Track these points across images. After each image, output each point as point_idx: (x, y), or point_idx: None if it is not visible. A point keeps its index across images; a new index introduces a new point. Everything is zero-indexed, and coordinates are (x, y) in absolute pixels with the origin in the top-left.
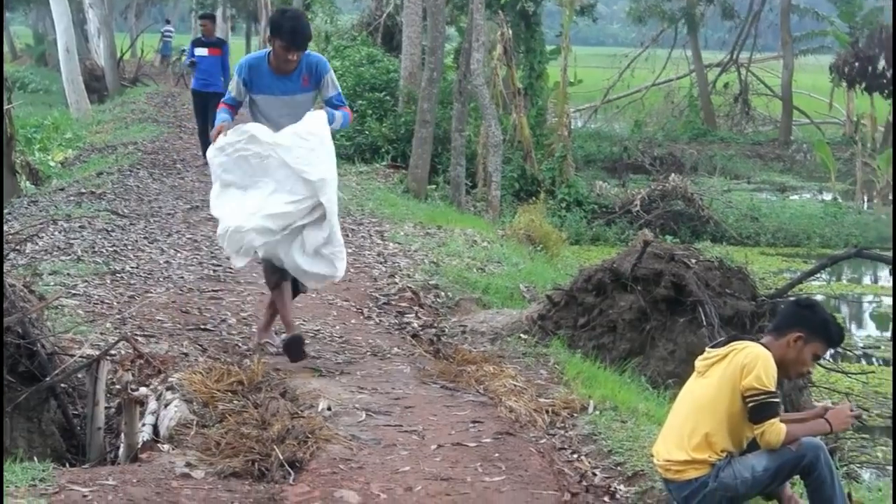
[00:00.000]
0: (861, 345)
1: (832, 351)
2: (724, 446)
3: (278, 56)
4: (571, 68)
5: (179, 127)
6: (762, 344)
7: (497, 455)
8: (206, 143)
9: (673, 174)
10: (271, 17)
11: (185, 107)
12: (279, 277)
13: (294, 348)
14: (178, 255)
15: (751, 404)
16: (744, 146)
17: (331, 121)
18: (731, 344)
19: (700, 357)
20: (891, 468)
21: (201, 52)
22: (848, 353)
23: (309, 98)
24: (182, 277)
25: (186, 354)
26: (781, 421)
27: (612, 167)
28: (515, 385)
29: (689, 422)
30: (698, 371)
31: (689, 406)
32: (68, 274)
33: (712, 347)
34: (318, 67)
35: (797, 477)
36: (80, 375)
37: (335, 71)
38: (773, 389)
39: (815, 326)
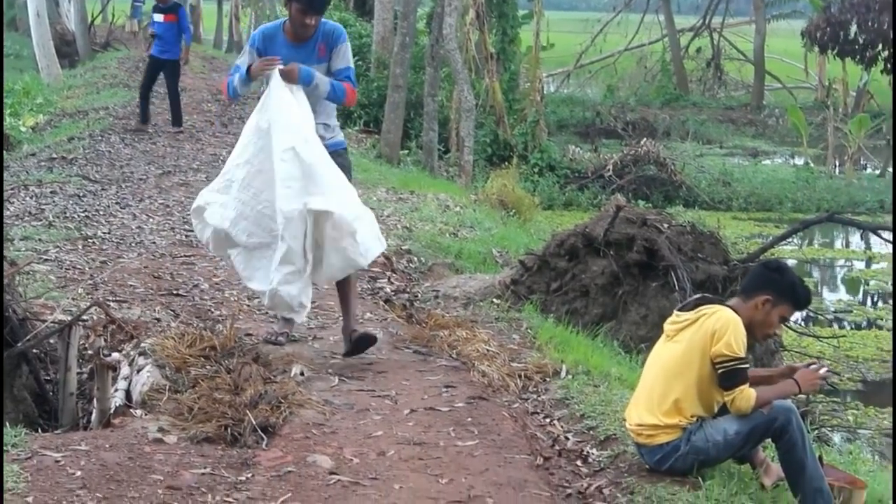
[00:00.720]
0: (833, 309)
1: (799, 314)
2: (694, 411)
3: (295, 21)
4: (544, 33)
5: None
6: (730, 307)
7: (470, 419)
8: (145, 106)
9: (645, 139)
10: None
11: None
12: None
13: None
14: (151, 220)
15: (721, 370)
16: (716, 111)
17: (307, 81)
18: (700, 308)
19: (669, 320)
20: (863, 431)
21: (158, 18)
22: (820, 317)
23: (325, 69)
24: (154, 243)
25: (159, 320)
26: (750, 382)
27: (584, 132)
28: (488, 350)
29: (659, 386)
30: (667, 335)
31: (659, 370)
32: (40, 239)
33: (680, 310)
34: (335, 36)
35: (769, 441)
36: (52, 341)
37: None
38: (743, 356)
39: (783, 289)
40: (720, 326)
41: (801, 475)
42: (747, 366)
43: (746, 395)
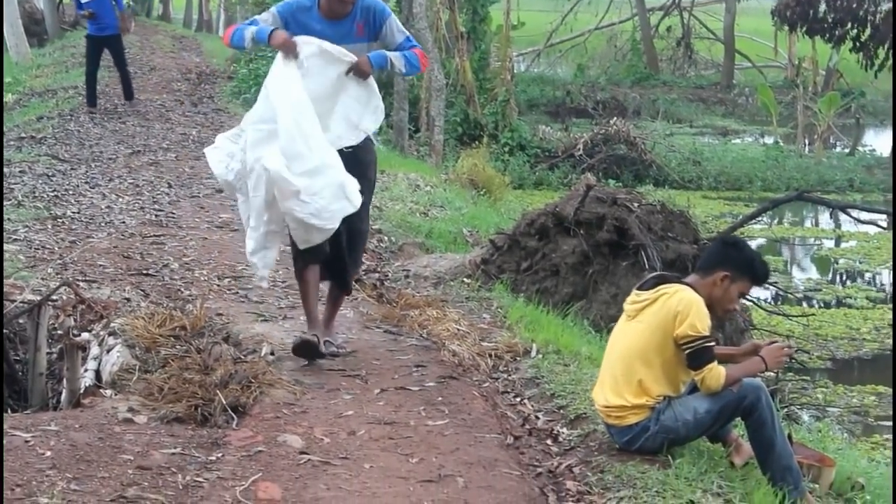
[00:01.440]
0: (802, 287)
1: (769, 292)
2: (660, 391)
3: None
4: (514, 12)
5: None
6: (689, 285)
7: (440, 399)
8: (92, 89)
9: (615, 118)
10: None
11: (127, 50)
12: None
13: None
14: (120, 199)
15: (688, 351)
16: (686, 90)
17: (382, 66)
18: (660, 287)
19: (629, 299)
20: (832, 409)
21: None
22: (789, 295)
23: (362, 49)
24: (124, 222)
25: (128, 299)
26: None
27: (554, 111)
28: (458, 329)
29: (622, 367)
30: (628, 314)
31: (622, 350)
32: (9, 219)
33: (640, 289)
34: (377, 14)
35: (740, 419)
36: (21, 321)
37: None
38: (708, 334)
39: (741, 265)
40: (683, 308)
41: (771, 453)
42: (713, 344)
43: (716, 374)
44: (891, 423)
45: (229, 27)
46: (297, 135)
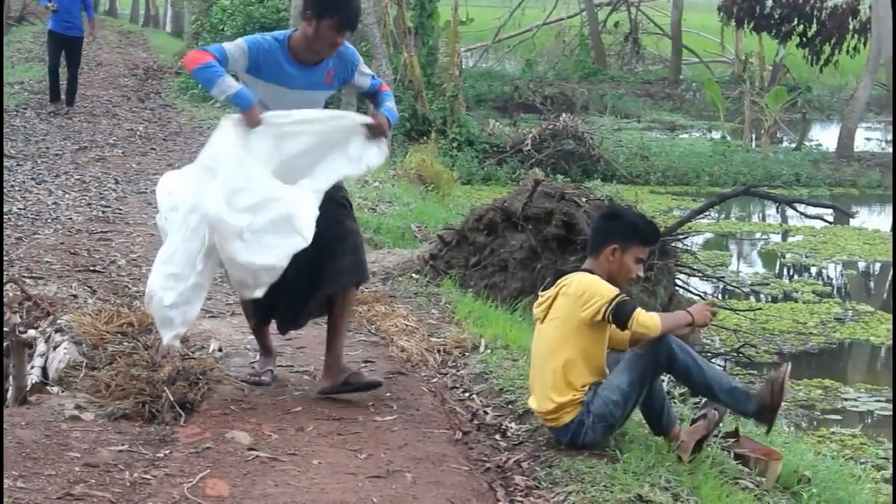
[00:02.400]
0: (749, 282)
1: (716, 288)
2: (584, 381)
3: (322, 40)
4: (462, 7)
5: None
6: (586, 270)
7: (388, 395)
8: (55, 83)
9: (564, 113)
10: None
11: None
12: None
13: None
14: (67, 196)
15: (609, 316)
16: (634, 85)
17: (394, 121)
18: (559, 281)
19: (535, 304)
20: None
21: None
22: (736, 290)
23: (325, 97)
24: (70, 219)
25: (75, 296)
26: None
27: (503, 107)
28: (407, 325)
29: (545, 369)
30: (538, 318)
31: (541, 354)
32: None
33: (542, 290)
34: (348, 61)
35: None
36: None
37: (224, 10)
38: (616, 291)
39: (626, 233)
40: (583, 290)
41: (711, 388)
42: (629, 298)
43: (645, 316)
44: (837, 416)
45: (195, 52)
46: (237, 168)
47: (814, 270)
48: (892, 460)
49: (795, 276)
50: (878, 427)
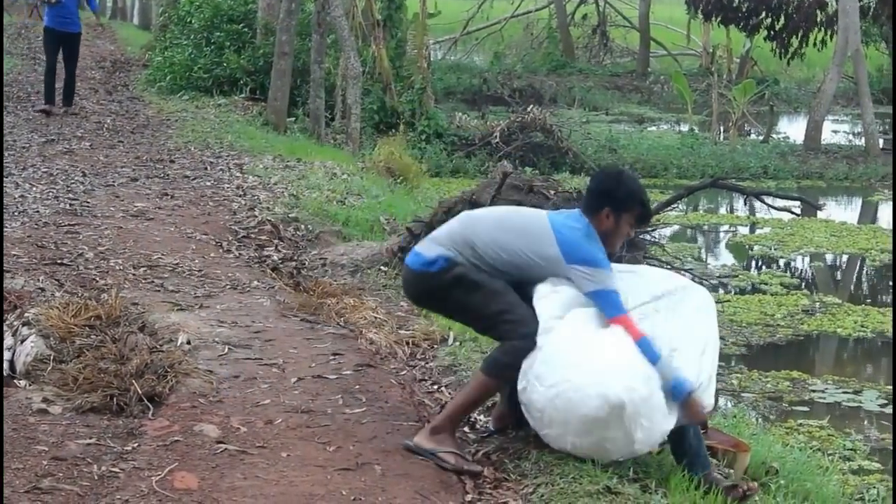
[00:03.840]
0: (717, 274)
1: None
2: None
3: (619, 233)
4: (431, 0)
5: (34, 59)
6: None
7: (357, 387)
8: (52, 84)
9: (532, 106)
10: (607, 184)
11: (41, 38)
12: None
13: None
14: (34, 188)
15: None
16: (602, 78)
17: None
18: None
19: None
20: (747, 395)
21: None
22: (704, 282)
23: None
24: (38, 211)
25: (43, 289)
26: None
27: (471, 99)
28: (376, 317)
29: None
30: None
31: None
32: None
33: None
34: None
35: None
36: None
37: (192, 2)
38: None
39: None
40: None
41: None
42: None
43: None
44: (805, 408)
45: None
46: None
47: (781, 262)
48: (892, 459)
49: (763, 268)
50: (845, 418)
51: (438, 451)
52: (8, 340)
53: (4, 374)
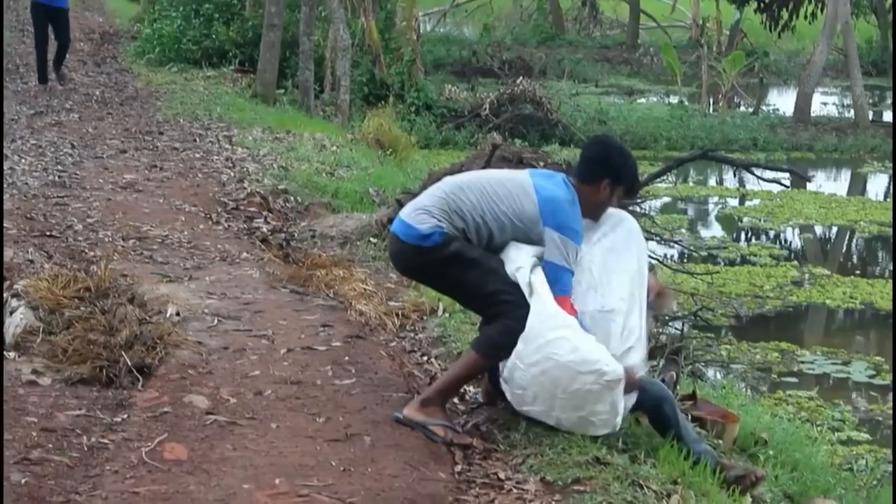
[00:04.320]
0: (707, 245)
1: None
2: None
3: (604, 203)
4: None
5: (22, 31)
6: None
7: (347, 358)
8: (44, 62)
9: (521, 78)
10: (612, 156)
11: (28, 10)
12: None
13: None
14: (22, 161)
15: None
16: (592, 50)
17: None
18: None
19: None
20: (736, 366)
21: None
22: (694, 253)
23: None
24: (26, 184)
25: (32, 261)
26: None
27: (461, 71)
28: (365, 289)
29: None
30: None
31: None
32: None
33: None
34: None
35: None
36: None
37: None
38: None
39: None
40: None
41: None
42: None
43: None
44: (794, 379)
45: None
46: None
47: (771, 234)
48: (892, 465)
49: (753, 240)
50: (833, 389)
51: (429, 423)
52: None
53: None
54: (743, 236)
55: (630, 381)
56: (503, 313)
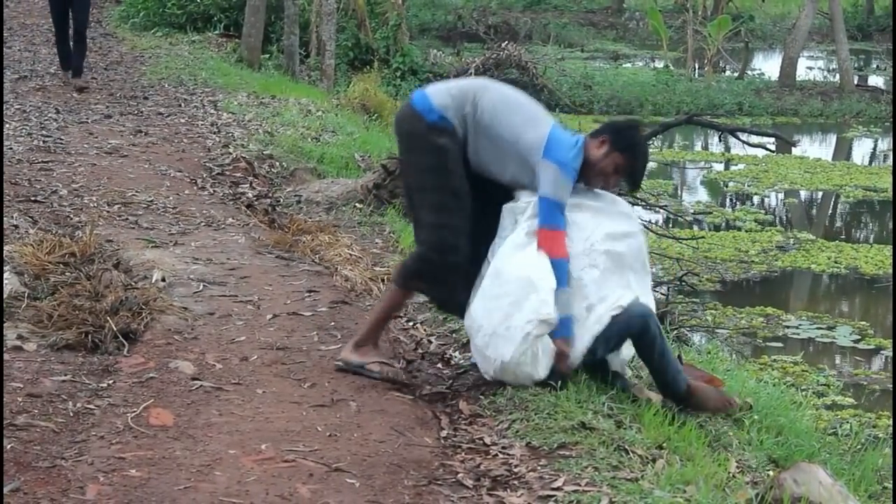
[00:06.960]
0: (692, 210)
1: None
2: None
3: (601, 172)
4: None
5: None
6: None
7: (333, 324)
8: (66, 50)
9: (507, 42)
10: (623, 126)
11: None
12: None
13: None
14: (7, 125)
15: None
16: (577, 14)
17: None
18: None
19: None
20: (721, 331)
21: None
22: (679, 219)
23: None
24: (11, 149)
25: (17, 227)
26: None
27: (446, 36)
28: (351, 254)
29: None
30: None
31: None
32: None
33: None
34: None
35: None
36: None
37: None
38: None
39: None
40: None
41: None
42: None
43: None
44: (779, 344)
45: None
46: None
47: (756, 199)
48: (892, 466)
49: (738, 205)
50: (818, 354)
51: (366, 363)
52: None
53: None
54: (728, 201)
55: (559, 358)
56: (426, 241)
